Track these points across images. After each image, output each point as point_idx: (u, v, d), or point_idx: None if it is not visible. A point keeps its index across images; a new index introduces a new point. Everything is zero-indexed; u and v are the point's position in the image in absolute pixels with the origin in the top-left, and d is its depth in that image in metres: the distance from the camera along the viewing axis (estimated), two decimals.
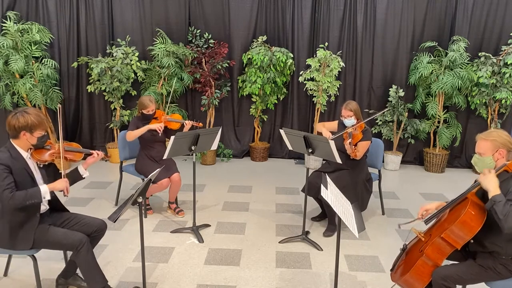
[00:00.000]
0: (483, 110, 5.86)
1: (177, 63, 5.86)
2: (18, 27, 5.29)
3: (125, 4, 6.02)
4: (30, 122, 2.48)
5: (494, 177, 2.21)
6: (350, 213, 2.44)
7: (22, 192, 2.43)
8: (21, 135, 2.50)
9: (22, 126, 2.47)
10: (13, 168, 2.46)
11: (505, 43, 5.74)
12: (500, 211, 2.09)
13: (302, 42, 6.16)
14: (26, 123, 2.47)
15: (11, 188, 2.40)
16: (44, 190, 2.50)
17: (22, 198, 2.41)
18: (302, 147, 3.55)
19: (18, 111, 2.51)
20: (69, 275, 2.89)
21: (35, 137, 2.54)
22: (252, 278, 3.16)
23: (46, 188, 2.51)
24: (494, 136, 2.30)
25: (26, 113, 2.49)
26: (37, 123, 2.51)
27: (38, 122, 2.51)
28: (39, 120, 2.52)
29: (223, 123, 6.50)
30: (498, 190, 2.16)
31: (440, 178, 5.82)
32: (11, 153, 2.50)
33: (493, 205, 2.13)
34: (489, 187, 2.19)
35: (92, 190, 4.97)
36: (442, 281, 2.27)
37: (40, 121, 2.52)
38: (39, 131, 2.54)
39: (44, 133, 2.58)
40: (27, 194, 2.44)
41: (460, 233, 2.24)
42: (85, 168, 2.82)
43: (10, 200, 2.39)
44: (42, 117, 2.55)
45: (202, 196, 4.86)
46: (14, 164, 2.47)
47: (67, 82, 6.14)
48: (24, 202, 2.42)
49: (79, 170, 2.81)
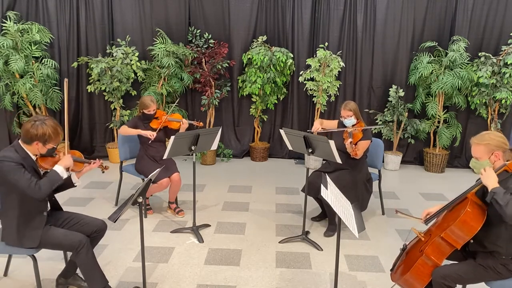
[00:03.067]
0: (483, 110, 5.86)
1: (177, 63, 5.86)
2: (18, 27, 5.29)
3: (125, 4, 6.02)
4: (48, 135, 2.49)
5: (493, 173, 2.22)
6: (350, 213, 2.44)
7: (45, 179, 2.49)
8: (34, 144, 2.51)
9: (38, 136, 2.48)
10: (25, 166, 2.47)
11: (505, 43, 5.74)
12: (501, 199, 2.10)
13: (302, 42, 6.16)
14: (44, 134, 2.48)
15: (34, 180, 2.44)
16: (60, 169, 2.55)
17: (48, 184, 2.48)
18: (302, 147, 3.55)
19: (38, 119, 2.51)
20: (69, 275, 2.89)
21: (46, 148, 2.55)
22: (252, 278, 3.16)
23: (60, 166, 2.56)
24: (487, 140, 2.30)
25: (45, 124, 2.49)
26: (53, 137, 2.53)
27: (54, 136, 2.53)
28: (55, 134, 2.53)
29: (223, 123, 6.50)
30: (497, 185, 2.18)
31: (440, 178, 5.82)
32: (20, 153, 2.50)
33: (493, 195, 2.14)
34: (488, 183, 2.20)
35: (92, 190, 4.97)
36: (442, 280, 2.27)
37: (56, 135, 2.54)
38: (52, 144, 2.56)
39: (55, 146, 2.60)
40: (49, 179, 2.49)
41: (460, 233, 2.24)
42: (78, 177, 2.82)
43: (40, 191, 2.44)
44: (59, 131, 2.57)
45: (202, 196, 4.86)
46: (25, 163, 2.49)
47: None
48: (51, 187, 2.50)
49: (72, 178, 2.79)
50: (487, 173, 2.23)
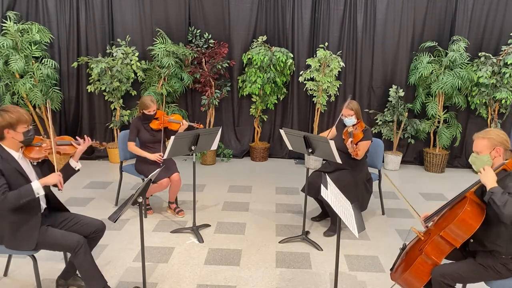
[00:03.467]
0: (483, 110, 5.86)
1: (177, 63, 5.86)
2: (18, 27, 5.29)
3: (125, 4, 6.02)
4: (9, 119, 2.43)
5: (492, 172, 2.23)
6: (350, 213, 2.44)
7: (15, 192, 2.38)
8: (5, 133, 2.46)
9: (2, 125, 2.43)
10: (4, 171, 2.41)
11: (505, 43, 5.73)
12: (498, 199, 2.11)
13: (302, 42, 6.16)
14: (6, 121, 2.43)
15: (3, 189, 2.36)
16: (37, 186, 2.43)
17: (15, 197, 2.37)
18: (302, 147, 3.55)
19: None
20: (69, 275, 2.89)
21: (20, 133, 2.48)
22: (252, 278, 3.16)
23: (38, 183, 2.44)
24: (491, 135, 2.32)
25: (3, 111, 2.45)
26: (17, 119, 2.45)
27: (17, 118, 2.45)
28: (18, 115, 2.45)
29: (223, 123, 6.50)
30: (495, 184, 2.18)
31: (440, 178, 5.82)
32: (1, 155, 2.45)
33: (491, 195, 2.14)
34: (487, 182, 2.20)
35: (92, 190, 4.97)
36: (441, 279, 2.28)
37: (19, 116, 2.46)
38: (22, 125, 2.47)
39: (28, 127, 2.51)
40: (20, 192, 2.39)
41: (459, 232, 2.25)
42: (76, 160, 2.77)
43: (3, 202, 2.34)
44: (22, 112, 2.48)
45: (202, 196, 4.86)
46: (5, 167, 2.43)
47: (67, 82, 6.14)
48: (18, 202, 2.38)
49: (71, 163, 2.75)
50: (486, 172, 2.23)
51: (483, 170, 2.26)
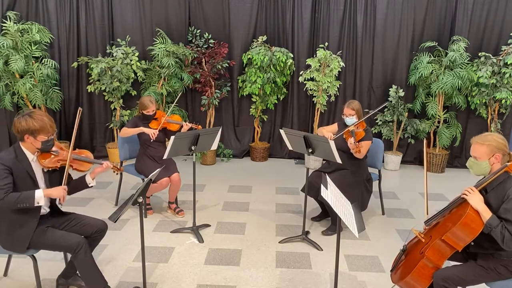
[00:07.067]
0: (483, 110, 5.86)
1: (177, 63, 5.86)
2: (18, 27, 5.28)
3: (125, 4, 6.02)
4: (32, 126, 2.44)
5: (479, 196, 2.24)
6: (350, 213, 2.44)
7: (16, 194, 2.38)
8: (25, 138, 2.48)
9: (24, 130, 2.44)
10: (15, 170, 2.43)
11: (505, 43, 5.74)
12: (498, 237, 2.15)
13: (302, 42, 6.16)
14: (28, 127, 2.44)
15: (6, 188, 2.37)
16: (39, 195, 2.42)
17: (13, 200, 2.36)
18: (302, 147, 3.55)
19: (24, 113, 2.47)
20: (70, 275, 2.89)
21: (39, 141, 2.50)
22: (252, 278, 3.16)
23: (42, 193, 2.44)
24: (490, 141, 2.30)
25: (30, 116, 2.45)
26: (39, 128, 2.45)
27: (40, 127, 2.45)
28: (41, 125, 2.45)
29: (223, 123, 6.50)
30: (488, 212, 2.19)
31: (440, 178, 5.82)
32: (17, 154, 2.48)
33: (490, 231, 2.17)
34: (478, 207, 2.21)
35: (92, 190, 4.96)
36: (443, 283, 2.27)
37: (42, 125, 2.46)
38: (42, 135, 2.49)
39: (48, 138, 2.52)
40: (20, 197, 2.38)
41: (462, 235, 2.23)
42: (93, 177, 2.77)
43: (1, 201, 2.35)
44: (46, 122, 2.48)
45: (202, 196, 4.86)
46: (17, 166, 2.45)
47: (67, 82, 6.14)
48: (15, 205, 2.38)
49: (86, 179, 2.76)
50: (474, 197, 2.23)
51: (472, 191, 2.26)
